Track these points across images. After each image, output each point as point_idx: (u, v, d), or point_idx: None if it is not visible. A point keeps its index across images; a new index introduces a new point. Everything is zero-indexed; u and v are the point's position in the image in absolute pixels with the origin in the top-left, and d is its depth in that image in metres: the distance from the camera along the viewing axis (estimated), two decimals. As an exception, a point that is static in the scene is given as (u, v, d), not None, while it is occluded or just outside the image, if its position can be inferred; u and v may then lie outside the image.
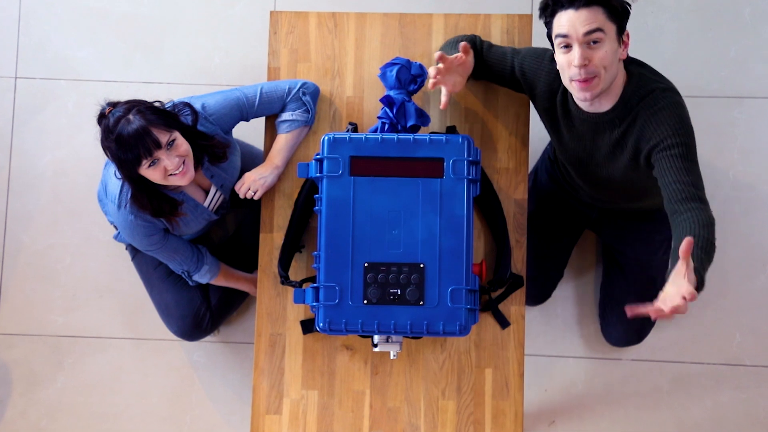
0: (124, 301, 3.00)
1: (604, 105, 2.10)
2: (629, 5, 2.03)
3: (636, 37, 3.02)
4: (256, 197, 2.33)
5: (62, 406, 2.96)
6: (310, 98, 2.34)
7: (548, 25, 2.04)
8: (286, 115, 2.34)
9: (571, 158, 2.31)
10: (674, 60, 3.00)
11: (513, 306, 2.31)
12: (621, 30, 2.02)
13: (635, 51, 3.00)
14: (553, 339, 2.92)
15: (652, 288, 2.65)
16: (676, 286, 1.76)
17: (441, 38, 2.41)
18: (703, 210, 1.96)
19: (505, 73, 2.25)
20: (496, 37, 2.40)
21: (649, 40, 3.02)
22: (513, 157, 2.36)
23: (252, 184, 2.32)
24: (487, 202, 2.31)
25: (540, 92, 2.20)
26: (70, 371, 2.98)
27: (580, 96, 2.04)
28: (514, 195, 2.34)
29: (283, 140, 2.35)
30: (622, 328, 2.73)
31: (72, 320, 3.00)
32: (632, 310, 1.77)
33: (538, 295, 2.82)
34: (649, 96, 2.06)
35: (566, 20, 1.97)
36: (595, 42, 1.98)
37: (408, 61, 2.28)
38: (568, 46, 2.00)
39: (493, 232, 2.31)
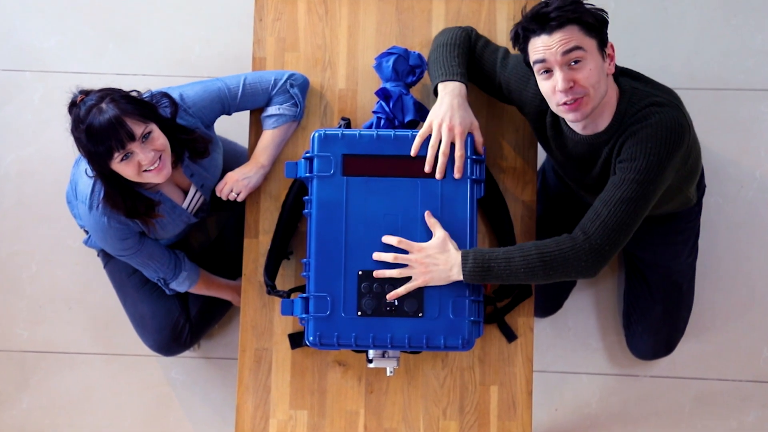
0: (95, 312, 2.99)
1: (599, 126, 2.11)
2: (605, 14, 2.03)
3: (655, 25, 3.03)
4: (239, 199, 2.33)
5: (28, 428, 2.95)
6: (298, 91, 2.34)
7: (523, 51, 2.05)
8: (272, 110, 2.34)
9: (567, 174, 2.33)
10: (696, 50, 3.00)
11: (520, 317, 2.31)
12: (603, 43, 2.02)
13: (654, 41, 3.02)
14: (564, 353, 2.92)
15: (677, 295, 2.67)
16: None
17: (441, 25, 2.41)
18: (578, 241, 2.03)
19: (493, 86, 2.28)
20: (502, 24, 2.40)
21: (669, 28, 3.02)
22: (520, 156, 2.36)
23: (235, 184, 2.31)
24: (492, 205, 2.30)
25: (529, 113, 2.23)
26: (37, 390, 2.97)
27: (571, 118, 2.06)
28: (521, 197, 2.34)
29: (269, 137, 2.34)
30: (650, 339, 2.74)
31: (38, 334, 2.99)
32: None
33: (547, 306, 2.82)
34: (642, 112, 2.07)
35: (541, 44, 1.98)
36: (576, 62, 1.98)
37: (406, 50, 2.28)
38: (548, 71, 2.01)
39: (498, 237, 2.31)
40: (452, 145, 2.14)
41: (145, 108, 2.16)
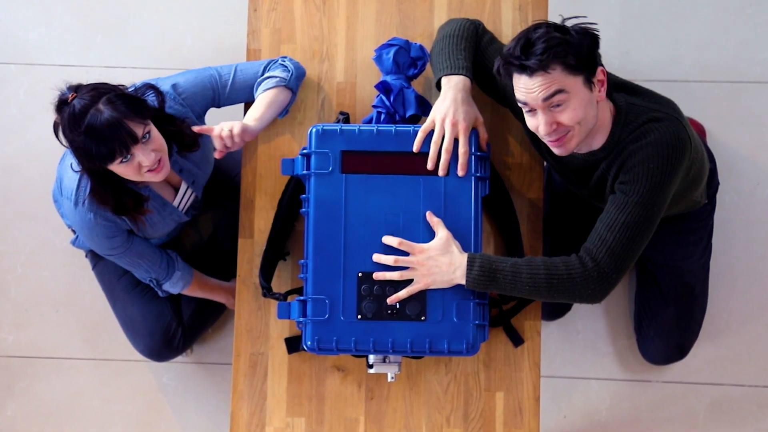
0: (83, 316, 2.99)
1: (593, 145, 2.11)
2: (596, 33, 1.98)
3: (666, 15, 3.03)
4: (236, 140, 2.17)
5: (13, 437, 2.96)
6: (290, 63, 2.30)
7: (509, 81, 2.03)
8: (262, 78, 2.30)
9: (564, 180, 2.33)
10: (709, 41, 3.00)
11: (527, 321, 2.31)
12: (590, 73, 1.98)
13: (665, 33, 3.01)
14: (573, 358, 2.92)
15: (690, 297, 2.67)
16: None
17: (444, 16, 2.40)
18: (588, 267, 2.02)
19: (490, 85, 2.27)
20: (507, 15, 2.39)
21: (680, 18, 3.01)
22: (526, 152, 2.36)
23: (228, 124, 2.16)
24: (497, 203, 2.30)
25: (524, 121, 2.20)
26: (22, 397, 2.96)
27: (557, 152, 2.06)
28: (528, 194, 2.34)
29: (259, 99, 2.29)
30: (662, 343, 2.74)
31: (24, 338, 2.98)
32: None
33: (555, 308, 2.82)
34: (640, 129, 2.06)
35: (523, 86, 1.97)
36: (558, 105, 1.97)
37: (407, 42, 2.28)
38: (532, 110, 2.00)
39: (504, 236, 2.31)
40: (456, 142, 2.13)
41: (141, 106, 2.15)
